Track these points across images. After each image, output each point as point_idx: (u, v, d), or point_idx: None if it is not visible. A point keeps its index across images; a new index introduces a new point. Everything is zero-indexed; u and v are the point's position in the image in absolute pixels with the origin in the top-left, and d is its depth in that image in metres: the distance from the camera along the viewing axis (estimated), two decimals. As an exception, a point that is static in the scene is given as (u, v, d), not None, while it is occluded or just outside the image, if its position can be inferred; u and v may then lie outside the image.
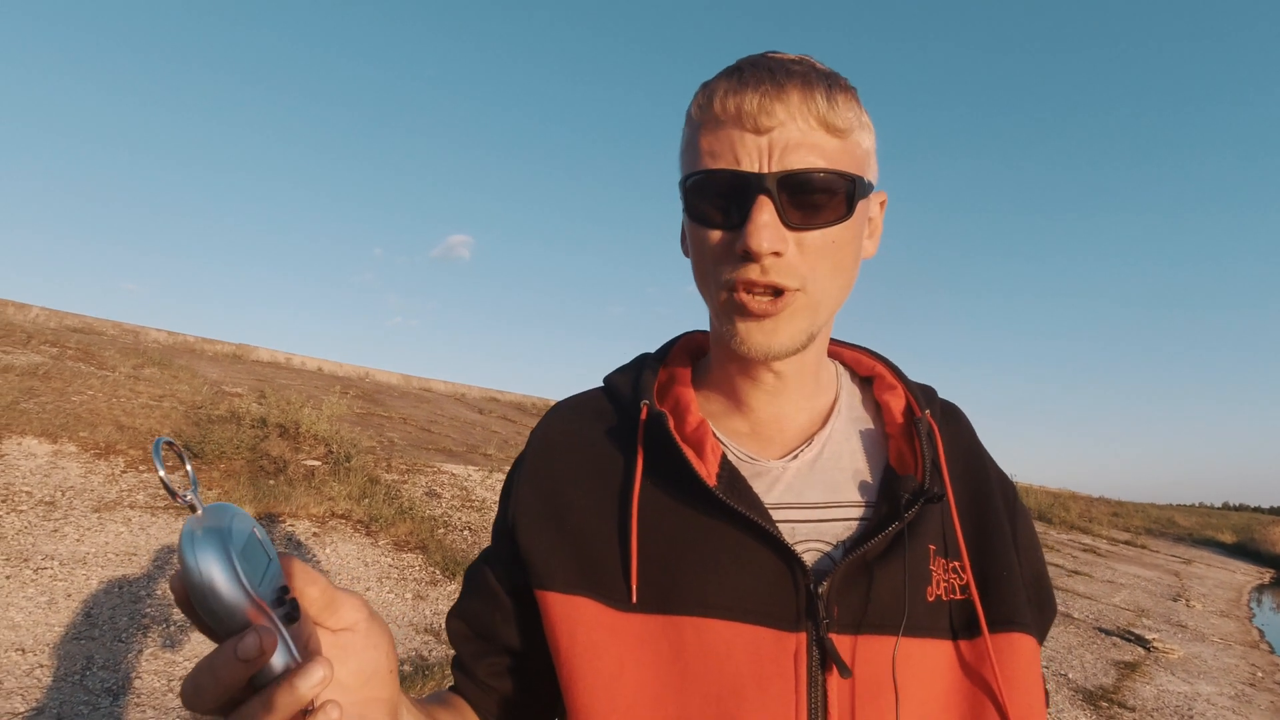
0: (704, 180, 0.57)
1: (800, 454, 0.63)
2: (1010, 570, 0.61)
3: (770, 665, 0.55)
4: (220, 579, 0.36)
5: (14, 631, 3.02)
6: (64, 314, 9.62)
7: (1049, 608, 0.67)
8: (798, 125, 0.54)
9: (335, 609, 0.45)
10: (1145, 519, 19.17)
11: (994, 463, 0.69)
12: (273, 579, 0.41)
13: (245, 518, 0.41)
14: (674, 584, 0.58)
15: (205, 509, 0.39)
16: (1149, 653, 5.88)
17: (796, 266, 0.55)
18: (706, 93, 0.57)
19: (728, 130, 0.55)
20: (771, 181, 0.53)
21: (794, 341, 0.58)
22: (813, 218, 0.55)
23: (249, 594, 0.37)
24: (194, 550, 0.37)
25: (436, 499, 6.05)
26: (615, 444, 0.65)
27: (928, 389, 0.71)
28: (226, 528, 0.38)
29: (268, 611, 0.38)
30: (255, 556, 0.40)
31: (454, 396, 13.26)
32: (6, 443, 4.62)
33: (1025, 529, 0.67)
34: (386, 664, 0.48)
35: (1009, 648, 0.58)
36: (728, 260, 0.56)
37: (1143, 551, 13.19)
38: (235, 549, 0.38)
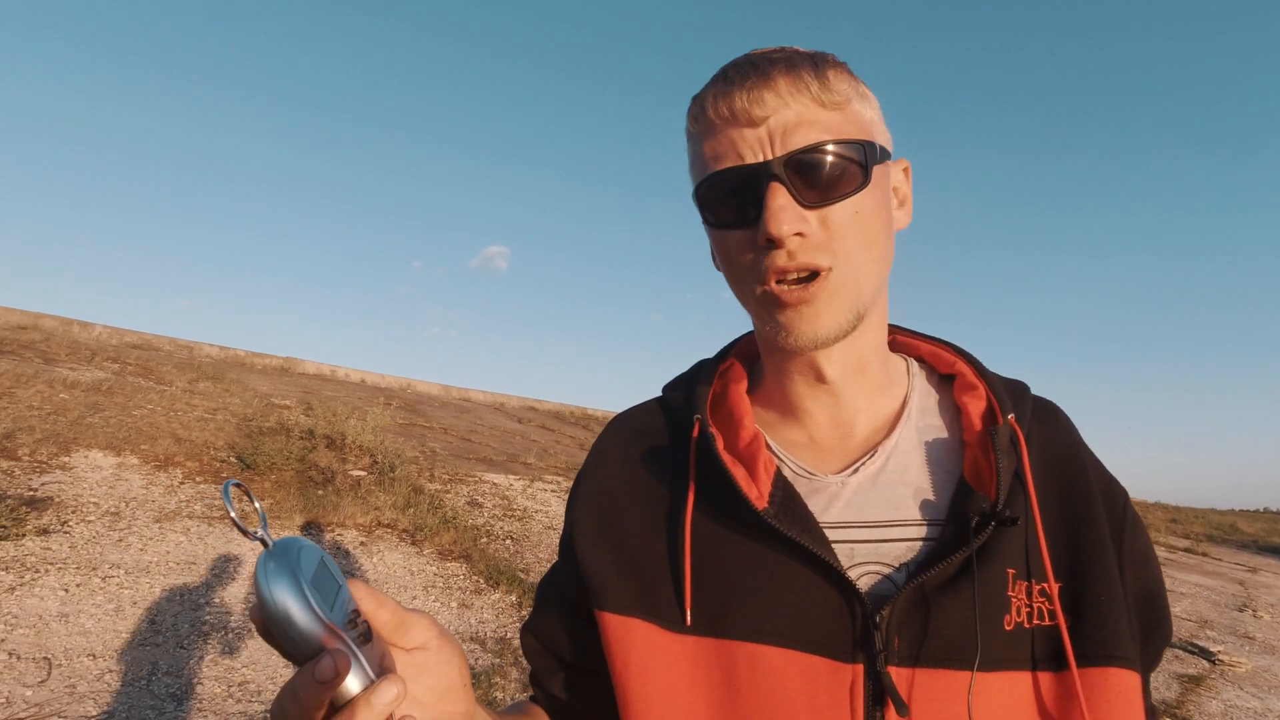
0: (712, 183, 0.56)
1: (862, 467, 0.60)
2: (1111, 595, 0.54)
3: (824, 696, 0.53)
4: (294, 608, 0.39)
5: (85, 638, 3.16)
6: (124, 331, 10.06)
7: (1160, 632, 0.59)
8: (791, 108, 0.53)
9: (407, 629, 0.47)
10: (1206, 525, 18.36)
11: (1100, 468, 0.62)
12: (344, 604, 0.43)
13: (313, 549, 0.43)
14: (727, 608, 0.56)
15: (275, 544, 0.42)
16: (1214, 666, 5.62)
17: (824, 244, 0.54)
18: (698, 103, 0.57)
19: (724, 131, 0.55)
20: (778, 166, 0.53)
21: (840, 324, 0.55)
22: (830, 192, 0.54)
23: (322, 620, 0.39)
24: (268, 583, 0.39)
25: (478, 509, 6.14)
26: (669, 462, 0.64)
27: (1017, 387, 0.64)
28: (296, 560, 0.41)
29: (341, 635, 0.40)
30: (325, 584, 0.42)
31: (493, 406, 13.43)
32: (75, 455, 4.85)
33: (1135, 544, 0.59)
34: (459, 679, 0.49)
35: (1104, 684, 0.52)
36: (754, 255, 0.55)
37: (1204, 559, 12.64)
38: (306, 579, 0.40)
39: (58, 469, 4.61)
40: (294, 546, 0.42)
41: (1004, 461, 0.55)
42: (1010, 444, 0.57)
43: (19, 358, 6.69)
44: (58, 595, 3.40)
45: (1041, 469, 0.59)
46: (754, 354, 0.71)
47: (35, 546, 3.73)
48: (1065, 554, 0.56)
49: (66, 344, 8.00)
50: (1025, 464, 0.57)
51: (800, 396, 0.62)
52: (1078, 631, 0.53)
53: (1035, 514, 0.56)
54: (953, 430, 0.62)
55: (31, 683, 2.80)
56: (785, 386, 0.63)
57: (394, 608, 0.46)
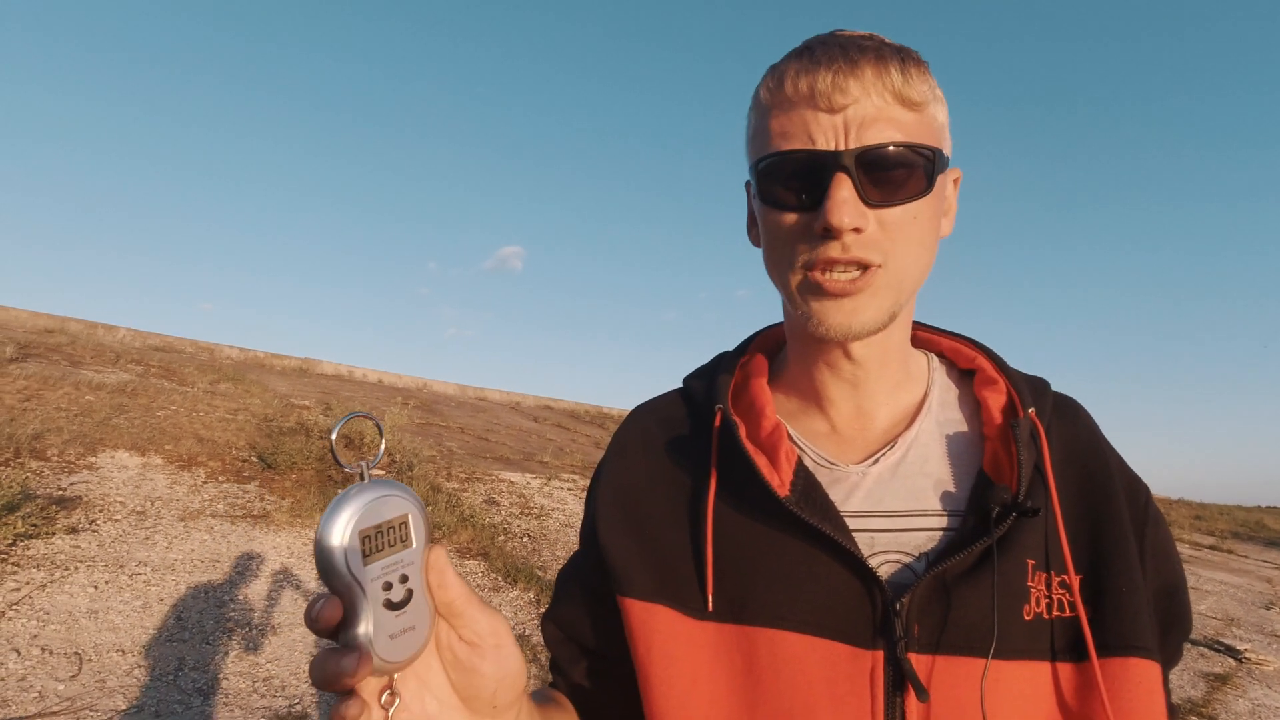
0: (778, 162, 0.55)
1: (882, 457, 0.60)
2: (1132, 586, 0.55)
3: (845, 684, 0.53)
4: (331, 545, 0.40)
5: (114, 633, 3.23)
6: (147, 334, 10.23)
7: (1181, 626, 0.60)
8: (872, 101, 0.53)
9: (464, 621, 0.46)
10: (1231, 522, 18.04)
11: (1121, 464, 0.62)
12: (398, 564, 0.43)
13: (405, 501, 0.43)
14: (748, 595, 0.57)
15: (370, 482, 0.42)
16: (1240, 664, 5.54)
17: (879, 242, 0.54)
18: (776, 75, 0.56)
19: (800, 110, 0.54)
20: (849, 159, 0.52)
21: (876, 320, 0.56)
22: (893, 194, 0.54)
23: (348, 567, 0.40)
24: (328, 513, 0.41)
25: (496, 507, 6.18)
26: (691, 450, 0.64)
27: (1037, 382, 0.64)
28: (365, 502, 0.41)
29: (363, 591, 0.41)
30: (392, 538, 0.42)
31: (509, 405, 13.50)
32: (101, 456, 4.95)
33: (1156, 538, 0.59)
34: (490, 696, 0.47)
35: (1124, 674, 0.52)
36: (805, 241, 0.55)
37: (1229, 556, 12.42)
38: (362, 523, 0.41)
39: (85, 469, 4.71)
40: (383, 489, 0.42)
41: (1025, 454, 0.56)
42: (1030, 437, 0.57)
43: (46, 360, 6.83)
44: (87, 592, 3.48)
45: (1062, 463, 0.59)
46: (775, 345, 0.72)
47: (65, 545, 3.82)
48: (1086, 547, 0.56)
49: (92, 347, 8.15)
50: (1046, 457, 0.57)
51: (824, 385, 0.63)
52: (1098, 623, 0.54)
53: (1055, 507, 0.56)
54: (972, 424, 0.62)
55: (63, 677, 2.86)
56: (810, 375, 0.63)
57: (459, 593, 0.45)
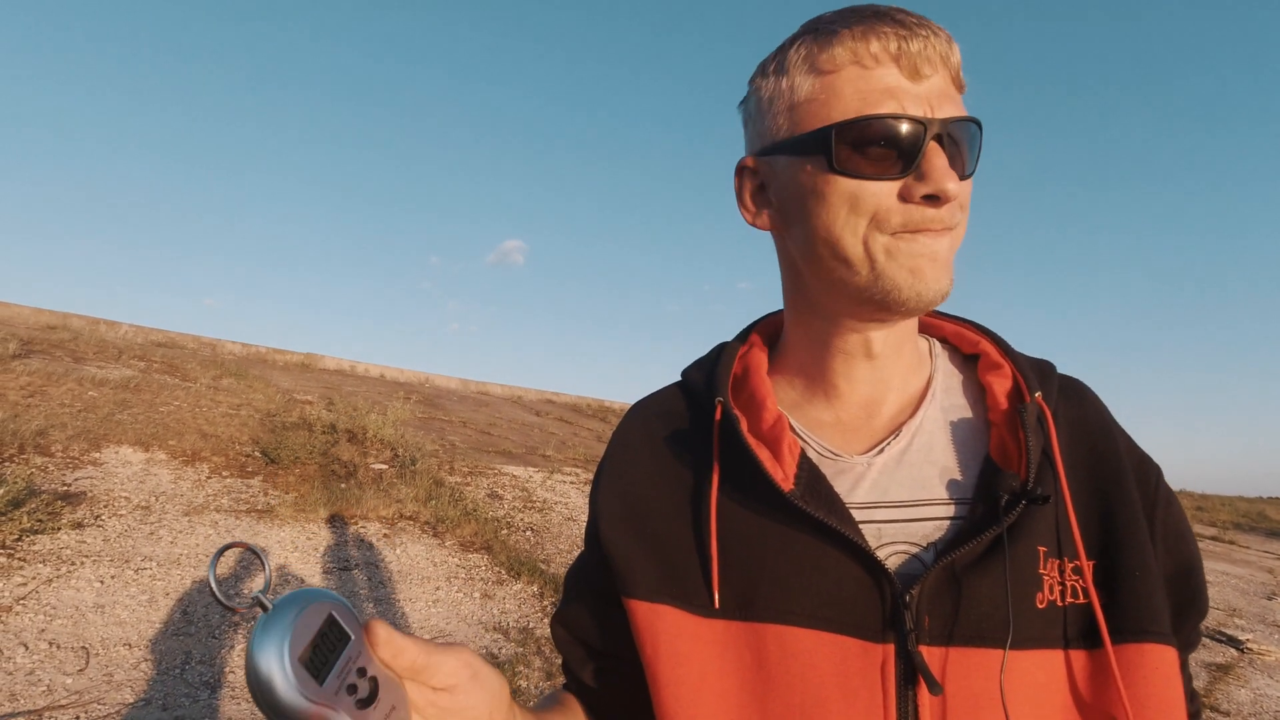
0: (867, 126, 0.52)
1: (887, 447, 0.59)
2: (1145, 571, 0.54)
3: (856, 678, 0.52)
4: (278, 686, 0.37)
5: (121, 628, 3.25)
6: (150, 329, 10.24)
7: (1196, 607, 0.59)
8: (941, 77, 0.54)
9: (432, 671, 0.46)
10: (1233, 513, 18.02)
11: (1131, 444, 0.61)
12: (349, 662, 0.41)
13: (321, 606, 0.41)
14: (755, 591, 0.56)
15: (275, 605, 0.39)
16: (1242, 654, 5.55)
17: (958, 213, 0.55)
18: (854, 33, 0.53)
19: (881, 74, 0.53)
20: (941, 127, 0.53)
21: (952, 282, 0.55)
22: (965, 169, 0.55)
23: (306, 698, 0.38)
24: (253, 657, 0.38)
25: (499, 500, 6.19)
26: (692, 445, 0.63)
27: (1043, 366, 0.63)
28: (290, 626, 0.38)
29: (334, 709, 0.39)
30: (329, 645, 0.40)
31: (511, 399, 13.52)
32: (105, 451, 4.96)
33: (1169, 519, 0.58)
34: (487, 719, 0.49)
35: (1140, 660, 0.51)
36: (899, 208, 0.53)
37: (1231, 547, 12.43)
38: (295, 650, 0.38)
39: (89, 465, 4.72)
40: (295, 607, 0.39)
41: (1032, 440, 0.55)
42: (1038, 422, 0.56)
43: (49, 357, 6.84)
44: (94, 587, 3.49)
45: (1070, 447, 0.58)
46: (775, 333, 0.70)
47: (71, 539, 3.83)
48: (1097, 531, 0.55)
49: (94, 343, 8.17)
50: (1054, 442, 0.57)
51: (835, 374, 0.62)
52: (1112, 608, 0.53)
53: (1065, 492, 0.55)
54: (977, 410, 0.61)
55: (71, 671, 2.88)
56: (822, 364, 0.62)
57: (417, 651, 0.45)
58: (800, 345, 0.64)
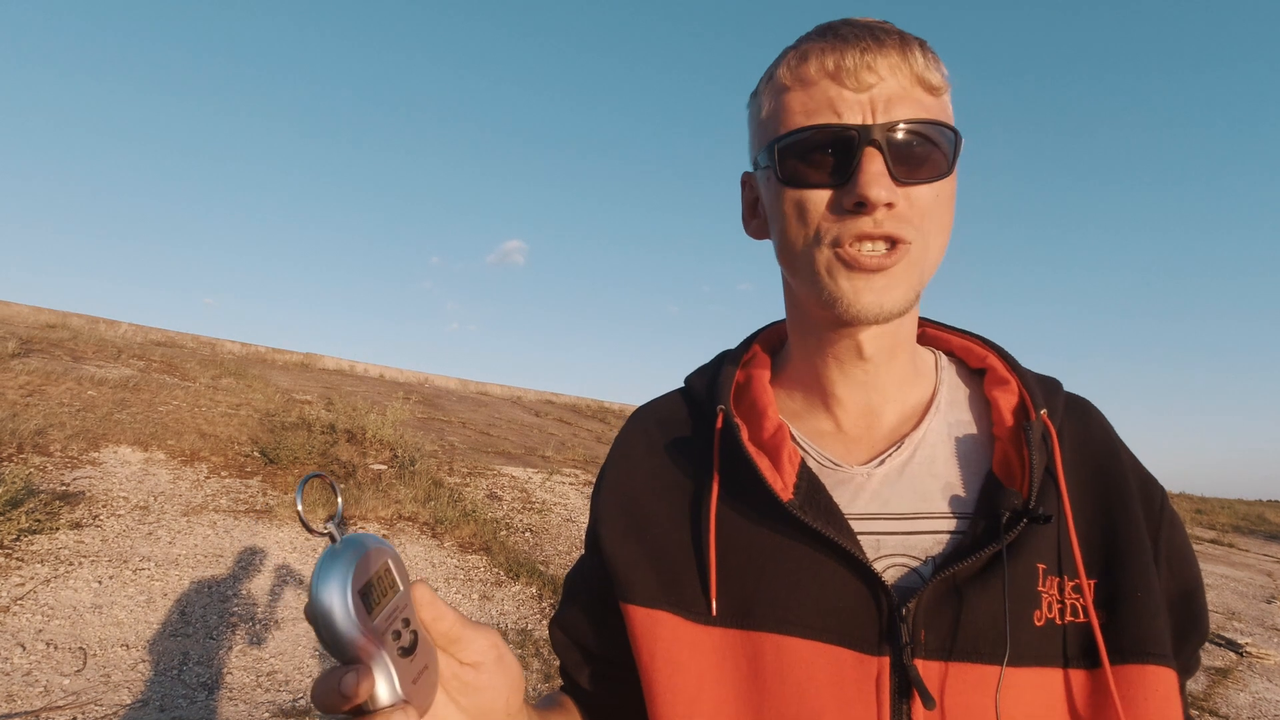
0: (803, 138, 0.54)
1: (888, 458, 0.59)
2: (1147, 592, 0.53)
3: (851, 689, 0.52)
4: (336, 613, 0.39)
5: (119, 628, 3.24)
6: (149, 329, 10.23)
7: (1197, 630, 0.58)
8: (898, 81, 0.53)
9: (463, 645, 0.47)
10: (1232, 516, 18.03)
11: (1136, 465, 0.60)
12: (397, 610, 0.42)
13: (382, 550, 0.43)
14: (753, 599, 0.56)
15: (343, 540, 0.41)
16: (1241, 658, 5.55)
17: (909, 218, 0.53)
18: (798, 55, 0.55)
19: (824, 88, 0.54)
20: (880, 133, 0.52)
21: (904, 300, 0.54)
22: (917, 171, 0.53)
23: (360, 629, 0.39)
24: (318, 583, 0.39)
25: (498, 501, 6.19)
26: (693, 453, 0.64)
27: (1050, 382, 0.63)
28: (353, 562, 0.40)
29: (379, 646, 0.40)
30: (383, 588, 0.42)
31: (510, 400, 13.51)
32: (104, 451, 4.96)
33: (1173, 540, 0.58)
34: (503, 706, 0.49)
35: (1140, 682, 0.51)
36: (833, 218, 0.54)
37: (1231, 550, 12.43)
38: (357, 583, 0.40)
39: (88, 464, 4.72)
40: (360, 546, 0.41)
41: (1036, 457, 0.55)
42: (1042, 440, 0.56)
43: (49, 356, 6.84)
44: (91, 587, 3.49)
45: (1074, 465, 0.58)
46: (778, 343, 0.71)
47: (69, 540, 3.83)
48: (1099, 551, 0.55)
49: (94, 342, 8.16)
50: (1058, 460, 0.56)
51: (832, 382, 0.62)
52: (1112, 628, 0.52)
53: (1067, 510, 0.55)
54: (982, 425, 0.61)
55: (68, 672, 2.88)
56: (818, 371, 0.62)
57: (454, 620, 0.46)
58: (798, 355, 0.64)
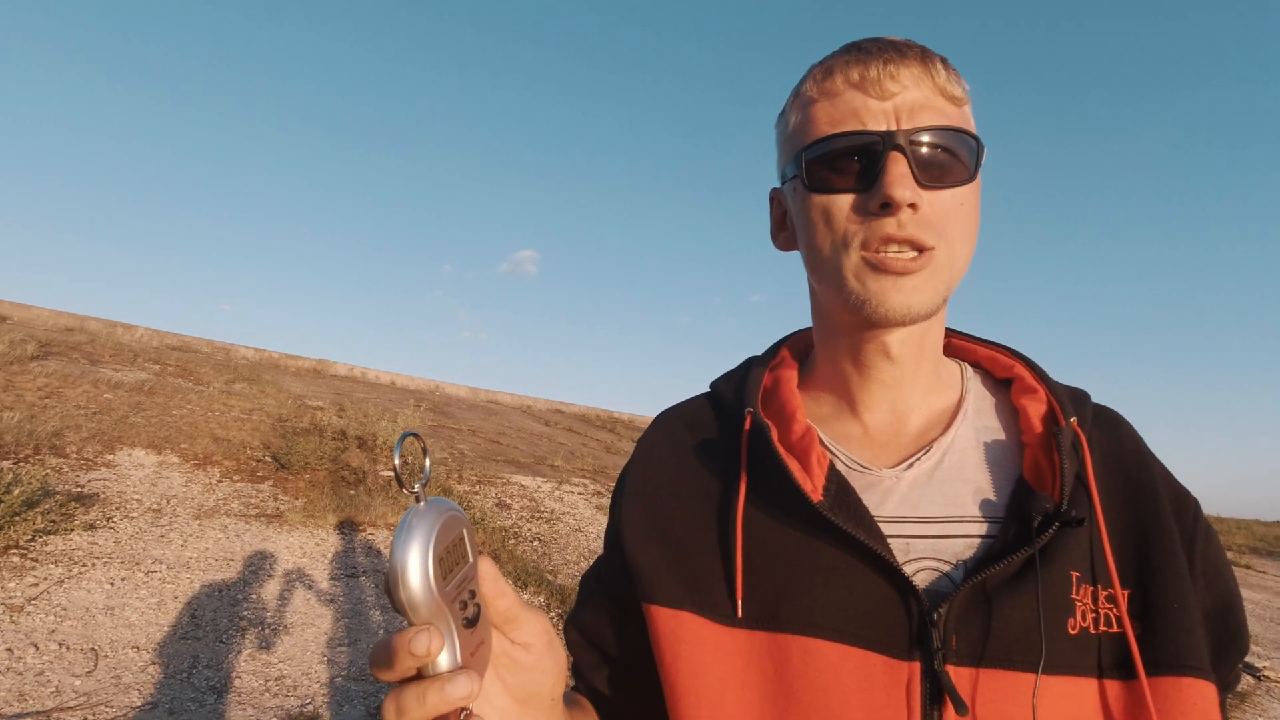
0: (828, 146, 0.56)
1: (917, 462, 0.59)
2: (1183, 603, 0.52)
3: (880, 695, 0.51)
4: (414, 573, 0.39)
5: (130, 630, 3.26)
6: (164, 333, 10.35)
7: (1237, 645, 0.57)
8: (920, 91, 0.55)
9: (518, 625, 0.47)
10: (1250, 537, 17.72)
11: (1168, 477, 0.60)
12: (465, 581, 0.43)
13: (459, 520, 0.44)
14: (780, 601, 0.55)
15: (428, 502, 0.42)
16: (1259, 682, 5.44)
17: (933, 224, 0.54)
18: (824, 68, 0.58)
19: (848, 99, 0.56)
20: (904, 138, 0.54)
21: (932, 303, 0.55)
22: (941, 177, 0.55)
23: (433, 592, 0.40)
24: (401, 541, 0.40)
25: (506, 510, 6.19)
26: (719, 454, 0.63)
27: (1078, 393, 0.63)
28: (435, 525, 0.41)
29: (448, 612, 0.41)
30: (456, 557, 0.43)
31: (520, 409, 13.53)
32: (119, 453, 5.00)
33: (1208, 554, 0.57)
34: (549, 691, 0.50)
35: (1177, 695, 0.50)
36: (859, 222, 0.55)
37: (1248, 572, 12.21)
38: (437, 547, 0.40)
39: (103, 466, 4.76)
40: (442, 511, 0.42)
41: (1067, 463, 0.54)
42: (1073, 447, 0.56)
43: (67, 359, 6.92)
44: (104, 588, 3.51)
45: (1105, 474, 0.58)
46: (805, 348, 0.71)
47: (82, 541, 3.86)
48: (1133, 561, 0.54)
49: (110, 345, 8.26)
50: (1089, 467, 0.56)
51: (857, 388, 0.62)
52: (1148, 640, 0.52)
53: (1099, 519, 0.55)
54: (1010, 432, 0.61)
55: (80, 673, 2.89)
56: (844, 377, 0.63)
57: (513, 600, 0.47)
58: (825, 361, 0.65)
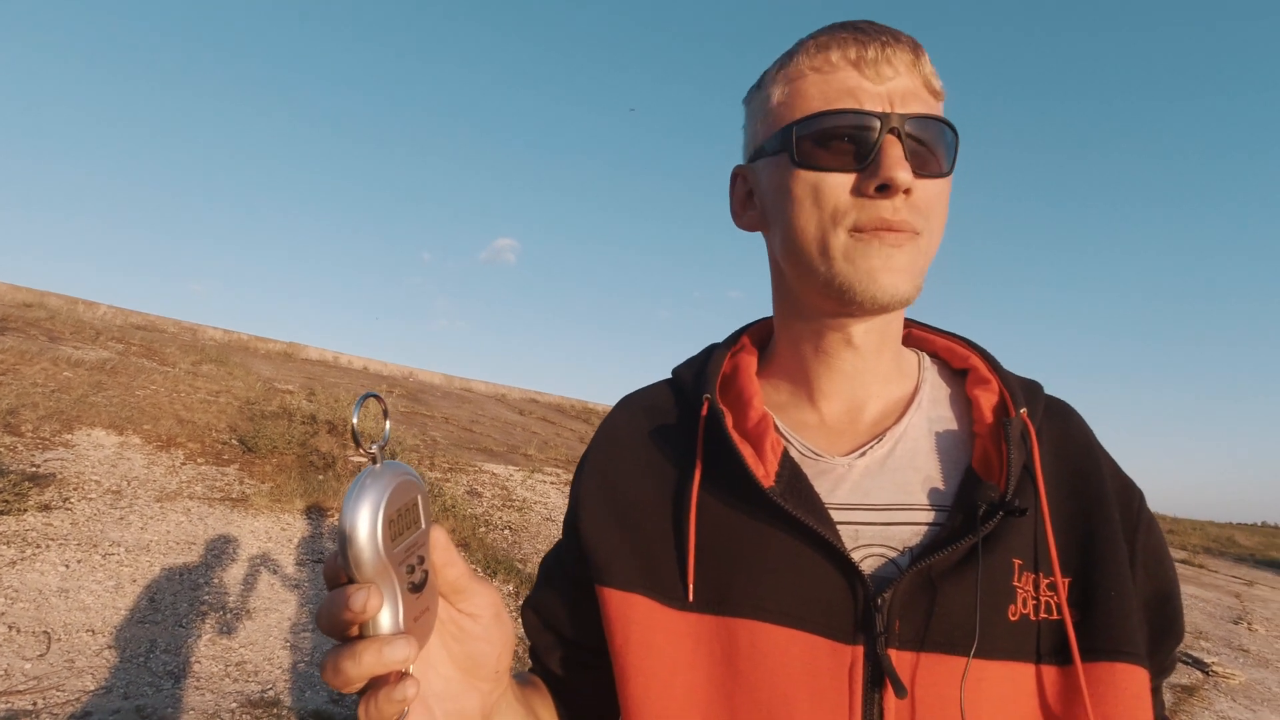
0: (824, 121, 0.55)
1: (870, 450, 0.59)
2: (1121, 591, 0.54)
3: (825, 678, 0.53)
4: (362, 532, 0.39)
5: (85, 613, 3.18)
6: (129, 311, 10.07)
7: (1172, 633, 0.59)
8: (911, 79, 0.56)
9: (467, 596, 0.47)
10: (1203, 537, 18.30)
11: (1114, 467, 0.61)
12: (415, 546, 0.43)
13: (414, 484, 0.44)
14: (730, 585, 0.56)
15: (384, 464, 0.42)
16: (1208, 677, 5.63)
17: (922, 210, 0.55)
18: (818, 44, 0.57)
19: (844, 77, 0.56)
20: (900, 122, 0.54)
21: (915, 288, 0.56)
22: (927, 165, 0.55)
23: (380, 553, 0.40)
24: (352, 498, 0.40)
25: (478, 498, 6.15)
26: (677, 439, 0.64)
27: (1030, 384, 0.63)
28: (389, 487, 0.41)
29: (394, 574, 0.41)
30: (407, 521, 0.42)
31: (495, 397, 13.44)
32: (77, 433, 4.87)
33: (1149, 543, 0.58)
34: (494, 662, 0.50)
35: (1109, 679, 0.51)
36: (852, 201, 0.55)
37: (1200, 571, 12.62)
38: (389, 509, 0.40)
39: (61, 446, 4.63)
40: (397, 473, 0.42)
41: (1014, 453, 0.55)
42: (1021, 437, 0.57)
43: (24, 335, 6.71)
44: (58, 571, 3.42)
45: (1052, 465, 0.59)
46: (765, 336, 0.72)
47: (37, 522, 3.75)
48: (1075, 549, 0.56)
49: (71, 323, 8.02)
50: (1035, 458, 0.57)
51: (817, 375, 0.63)
52: (1085, 626, 0.53)
53: (1044, 508, 0.56)
54: (963, 422, 0.62)
55: (31, 656, 2.82)
56: (804, 363, 0.63)
57: (462, 571, 0.47)
58: (785, 347, 0.65)
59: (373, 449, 0.42)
